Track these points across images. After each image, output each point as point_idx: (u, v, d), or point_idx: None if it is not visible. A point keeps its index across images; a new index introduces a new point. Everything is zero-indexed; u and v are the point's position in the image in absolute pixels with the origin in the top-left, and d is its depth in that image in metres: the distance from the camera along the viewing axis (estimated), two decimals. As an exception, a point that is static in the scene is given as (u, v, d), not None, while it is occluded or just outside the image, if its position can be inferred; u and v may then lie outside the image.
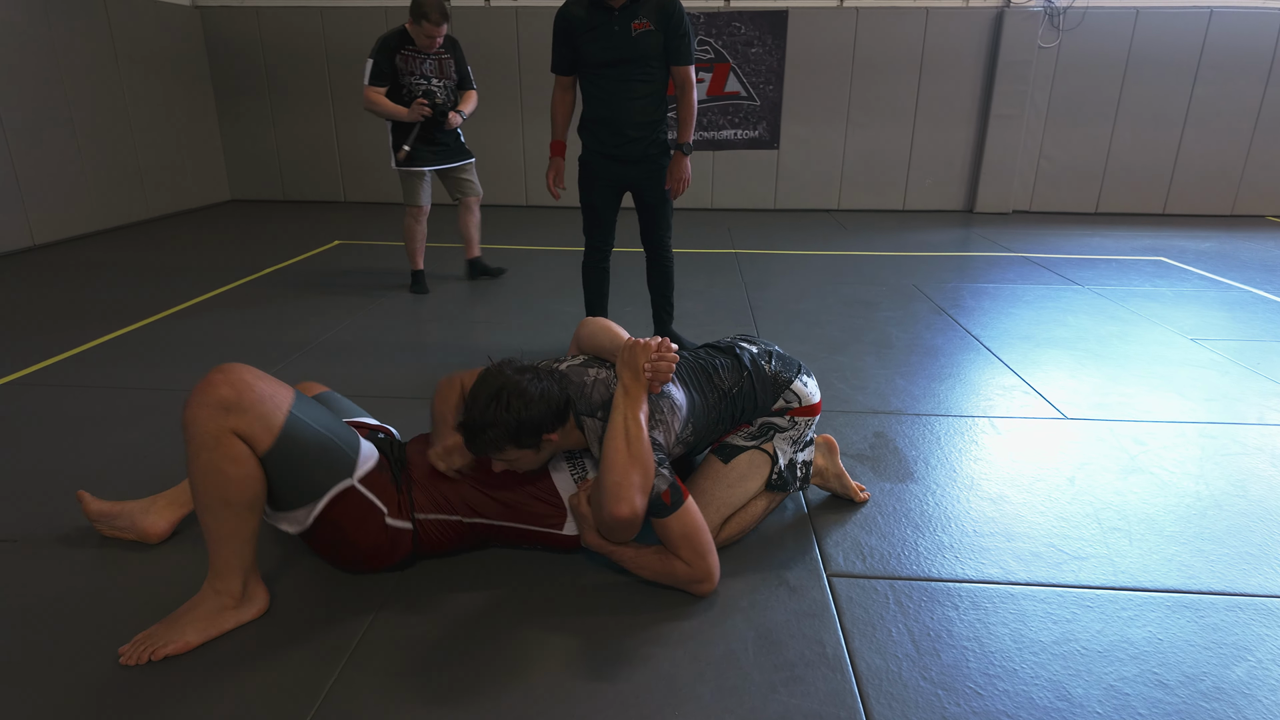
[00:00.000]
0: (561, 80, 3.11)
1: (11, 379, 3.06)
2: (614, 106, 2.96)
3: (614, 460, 1.58)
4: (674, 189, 3.10)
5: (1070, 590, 1.79)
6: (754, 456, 1.97)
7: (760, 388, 1.96)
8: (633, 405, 1.66)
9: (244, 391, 1.48)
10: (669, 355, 1.71)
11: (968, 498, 2.21)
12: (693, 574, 1.69)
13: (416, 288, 4.47)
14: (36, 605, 1.71)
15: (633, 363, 1.70)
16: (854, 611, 1.71)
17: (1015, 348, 3.51)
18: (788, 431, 2.00)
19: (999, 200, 7.30)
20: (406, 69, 4.00)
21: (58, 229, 5.76)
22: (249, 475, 1.49)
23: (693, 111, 3.02)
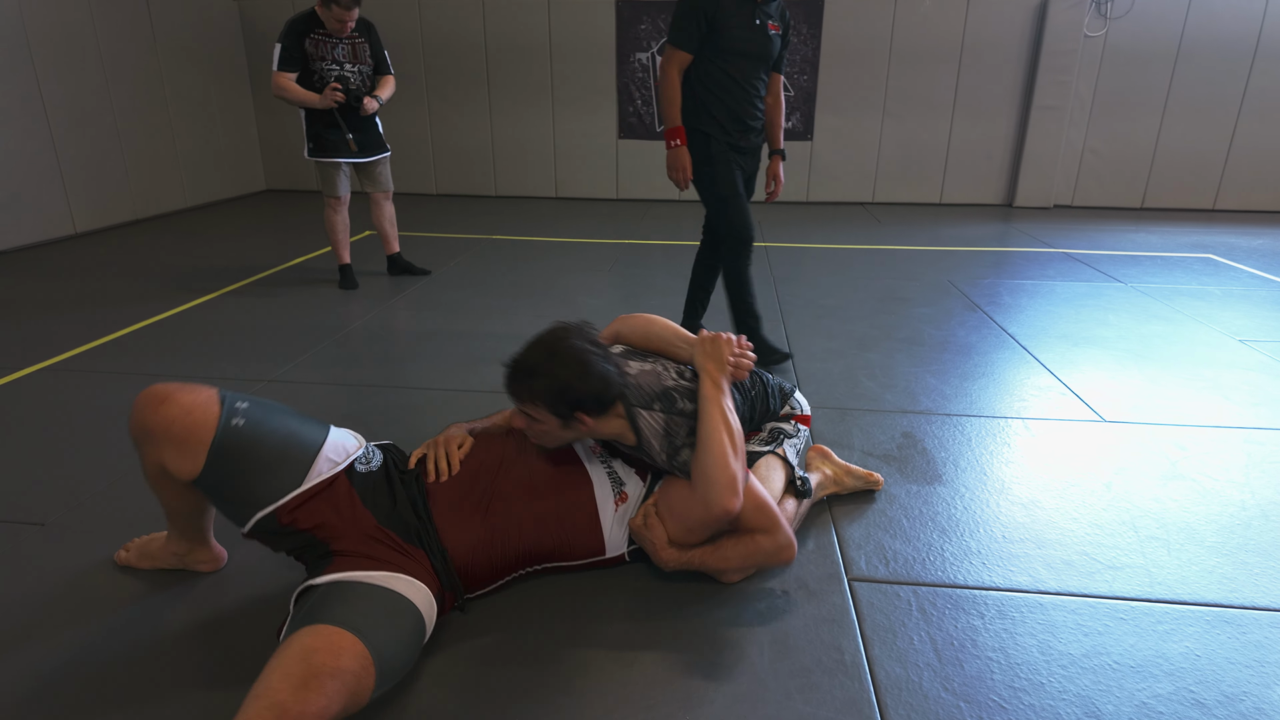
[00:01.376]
0: (682, 58, 2.87)
1: (45, 365, 3.13)
2: (745, 99, 2.95)
3: (721, 454, 1.55)
4: (775, 192, 3.23)
5: (1103, 601, 1.72)
6: (769, 460, 1.95)
7: (771, 393, 2.02)
8: (722, 397, 1.63)
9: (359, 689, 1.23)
10: (750, 354, 1.72)
11: (998, 502, 2.14)
12: (775, 541, 1.64)
13: (345, 283, 4.33)
14: (59, 587, 1.74)
15: (718, 355, 1.68)
16: (875, 618, 1.67)
17: (1053, 347, 3.41)
18: (794, 438, 2.01)
19: (1040, 194, 7.11)
20: (317, 54, 3.85)
21: (99, 217, 5.90)
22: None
23: (784, 116, 3.18)
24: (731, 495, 1.54)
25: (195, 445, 1.41)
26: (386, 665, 1.27)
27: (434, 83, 7.36)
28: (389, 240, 4.56)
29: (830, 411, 2.72)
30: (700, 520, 1.60)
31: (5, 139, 5.10)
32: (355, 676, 1.20)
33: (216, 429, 1.43)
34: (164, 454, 1.43)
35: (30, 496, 2.13)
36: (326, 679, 1.16)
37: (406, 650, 1.36)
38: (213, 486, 1.47)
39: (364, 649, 1.23)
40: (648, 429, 1.64)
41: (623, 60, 7.09)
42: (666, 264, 4.94)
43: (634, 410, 1.65)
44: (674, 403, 1.68)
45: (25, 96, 5.22)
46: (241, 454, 1.44)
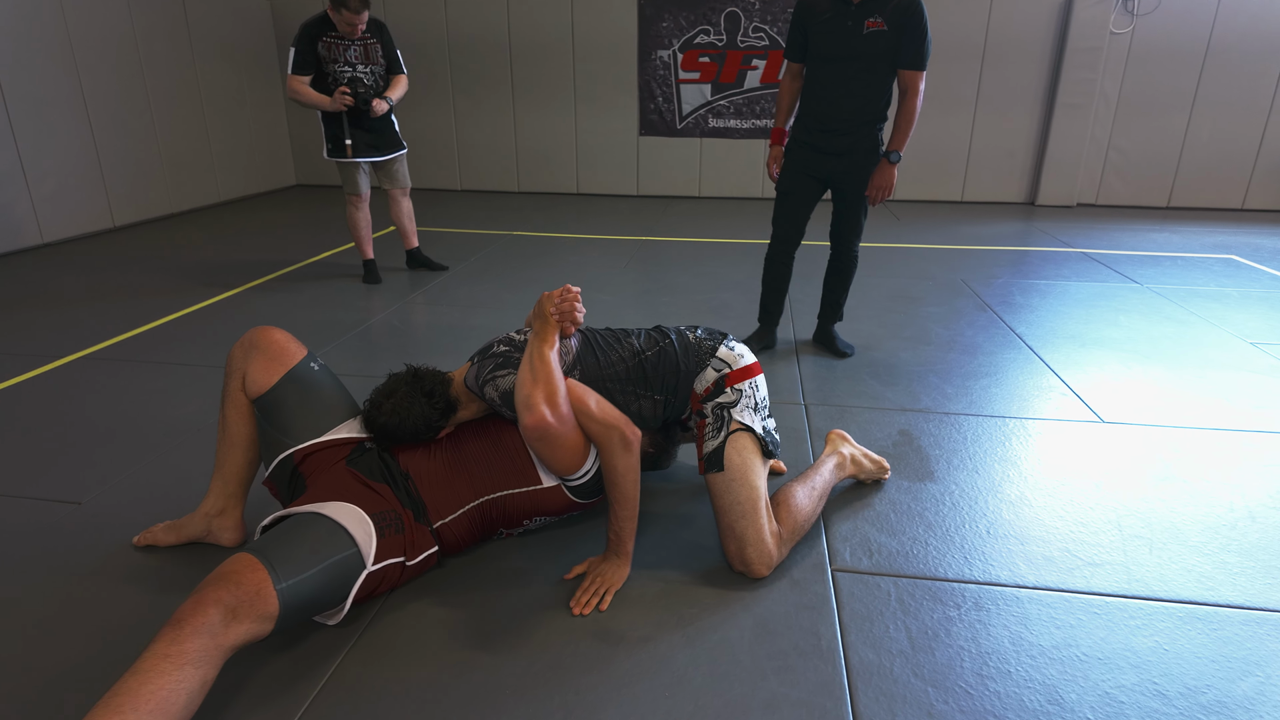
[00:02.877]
0: (791, 67, 3.10)
1: (84, 354, 3.30)
2: (826, 100, 2.96)
3: (521, 381, 1.73)
4: (873, 196, 3.02)
5: (1078, 596, 1.78)
6: (734, 442, 1.84)
7: (681, 352, 1.94)
8: (539, 340, 1.80)
9: (243, 600, 1.37)
10: (570, 294, 1.86)
11: (986, 499, 2.20)
12: (609, 438, 1.77)
13: (368, 278, 4.46)
14: (93, 563, 1.87)
15: (540, 310, 1.87)
16: (854, 606, 1.74)
17: (1060, 347, 3.43)
18: (739, 402, 1.89)
19: (1063, 193, 7.05)
20: (330, 56, 3.93)
21: (136, 211, 6.12)
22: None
23: (912, 120, 2.92)
24: (524, 411, 1.68)
25: (278, 366, 1.84)
26: (291, 591, 1.45)
27: (459, 80, 7.49)
28: (407, 235, 4.68)
29: (830, 409, 2.79)
30: (529, 443, 1.73)
31: (49, 136, 5.31)
32: (249, 593, 1.39)
33: (298, 362, 1.88)
34: (255, 365, 1.83)
35: (67, 477, 2.28)
36: (222, 590, 1.37)
37: (322, 576, 1.53)
38: (270, 406, 1.82)
39: (263, 572, 1.44)
40: (467, 379, 1.88)
41: (644, 58, 7.16)
42: (683, 261, 5.01)
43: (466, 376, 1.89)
44: (487, 350, 1.90)
45: (68, 95, 5.44)
46: (303, 389, 1.86)
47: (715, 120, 7.28)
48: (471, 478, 1.83)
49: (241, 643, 1.36)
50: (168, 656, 1.25)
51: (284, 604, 1.43)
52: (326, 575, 1.54)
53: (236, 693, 1.48)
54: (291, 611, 1.45)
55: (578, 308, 1.86)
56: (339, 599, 1.58)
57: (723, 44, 7.04)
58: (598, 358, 1.93)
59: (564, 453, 1.74)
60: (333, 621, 1.63)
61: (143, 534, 1.94)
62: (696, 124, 7.31)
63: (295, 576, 1.47)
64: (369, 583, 1.64)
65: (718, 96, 7.20)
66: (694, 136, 7.36)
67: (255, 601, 1.39)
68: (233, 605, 1.35)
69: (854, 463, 2.22)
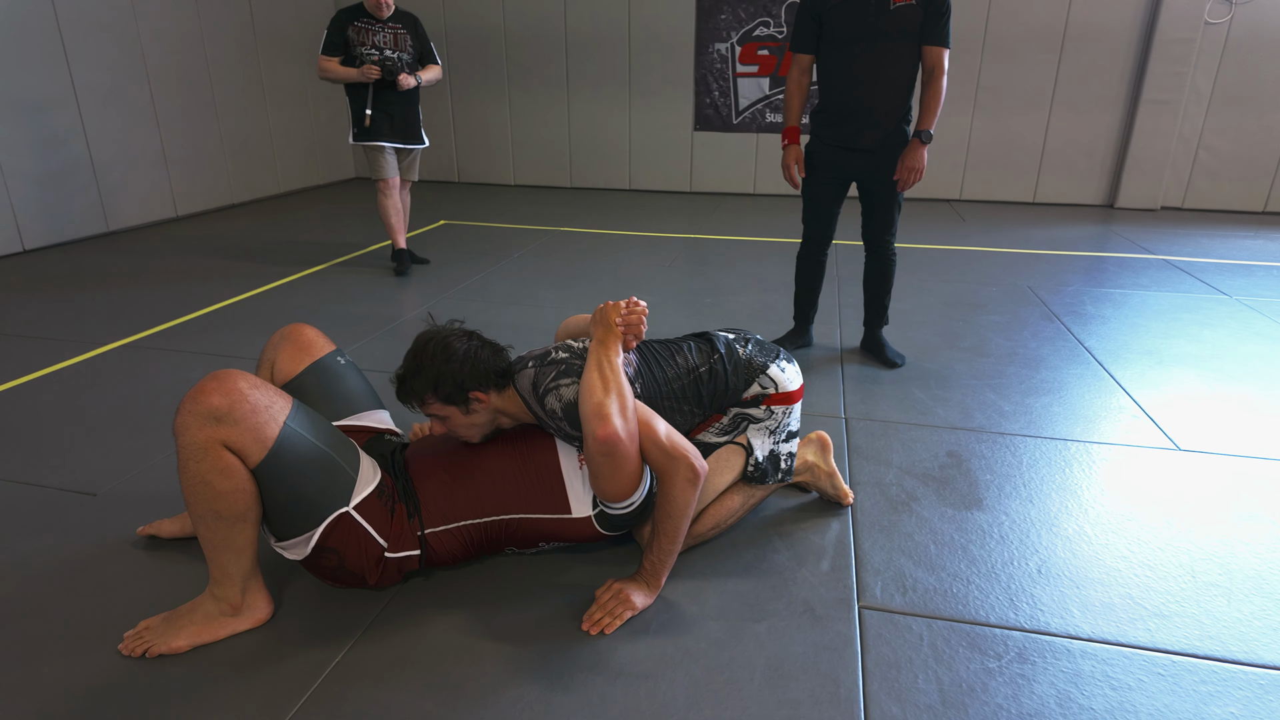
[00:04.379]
0: (800, 60, 2.92)
1: (127, 341, 3.34)
2: (857, 89, 2.78)
3: (589, 388, 1.58)
4: (903, 179, 2.81)
5: (1140, 652, 1.57)
6: (726, 452, 1.91)
7: (731, 370, 1.88)
8: (604, 350, 1.67)
9: (236, 401, 1.43)
10: (638, 308, 1.74)
11: (1039, 533, 1.99)
12: (679, 476, 1.62)
13: (400, 268, 4.45)
14: (105, 554, 1.84)
15: (604, 319, 1.73)
16: (880, 650, 1.58)
17: (1134, 364, 3.15)
18: (764, 422, 1.91)
19: (1146, 195, 6.60)
20: (359, 40, 4.06)
21: (198, 201, 6.27)
22: (238, 488, 1.45)
23: (940, 98, 2.73)
24: (596, 420, 1.53)
25: (305, 356, 1.87)
26: (289, 438, 1.50)
27: (515, 75, 7.46)
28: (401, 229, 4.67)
29: (871, 424, 2.60)
30: (592, 459, 1.58)
31: (117, 127, 5.48)
32: (260, 402, 1.47)
33: (325, 355, 1.90)
34: (283, 354, 1.86)
35: (86, 467, 2.28)
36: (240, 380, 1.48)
37: (316, 460, 1.55)
38: (293, 393, 1.78)
39: (287, 401, 1.54)
40: (522, 386, 1.72)
41: (701, 51, 6.99)
42: (730, 259, 4.85)
43: (515, 377, 1.74)
44: (546, 356, 1.75)
45: (136, 88, 5.60)
46: (327, 379, 1.87)
47: (773, 115, 7.06)
48: (480, 494, 1.72)
49: (226, 453, 1.42)
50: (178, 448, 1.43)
51: (278, 443, 1.46)
52: (318, 466, 1.54)
53: (211, 713, 1.41)
54: (275, 461, 1.46)
55: (643, 322, 1.75)
56: (310, 518, 1.54)
57: (782, 36, 6.81)
58: (654, 374, 1.82)
59: (623, 475, 1.59)
60: (293, 555, 1.59)
61: (148, 525, 1.91)
62: (753, 119, 7.11)
63: (301, 431, 1.52)
64: (342, 537, 1.57)
65: (776, 91, 6.98)
66: (750, 132, 7.16)
67: (259, 412, 1.45)
68: (238, 400, 1.42)
69: (809, 471, 2.08)
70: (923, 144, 2.77)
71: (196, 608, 1.56)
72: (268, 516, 1.54)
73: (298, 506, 1.53)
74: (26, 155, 4.90)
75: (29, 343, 3.31)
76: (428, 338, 1.69)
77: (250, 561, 1.57)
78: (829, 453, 2.11)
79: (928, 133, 2.76)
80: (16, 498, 2.11)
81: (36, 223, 5.00)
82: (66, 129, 5.14)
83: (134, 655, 1.52)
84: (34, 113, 4.92)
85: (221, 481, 1.43)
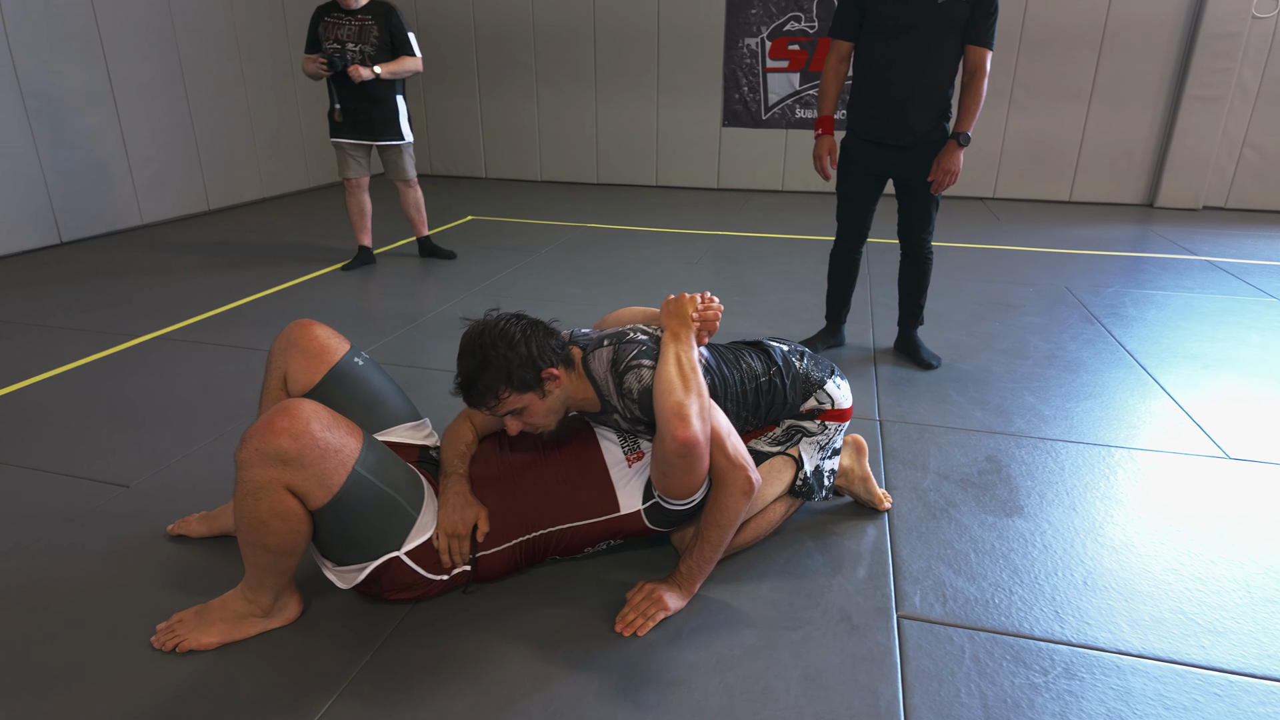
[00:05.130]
0: (839, 47, 2.82)
1: (158, 335, 3.37)
2: (897, 83, 2.70)
3: (667, 384, 1.52)
4: (938, 182, 2.75)
5: (1194, 670, 1.50)
6: (778, 462, 1.87)
7: (790, 384, 1.85)
8: (680, 344, 1.60)
9: (307, 446, 1.37)
10: (715, 305, 1.70)
11: (1084, 543, 1.92)
12: (734, 486, 1.58)
13: (351, 264, 4.46)
14: (137, 547, 1.85)
15: (680, 311, 1.66)
16: (921, 662, 1.53)
17: (1178, 368, 3.05)
18: (816, 436, 1.90)
19: (1187, 194, 6.42)
20: (326, 34, 4.05)
21: (230, 195, 6.33)
22: (293, 530, 1.42)
23: (980, 100, 2.68)
24: (678, 421, 1.46)
25: (321, 363, 1.73)
26: (357, 484, 1.45)
27: (543, 70, 7.44)
28: (415, 225, 4.71)
29: (908, 427, 2.54)
30: (666, 459, 1.51)
31: (151, 122, 5.54)
32: (331, 444, 1.41)
33: (342, 358, 1.76)
34: (295, 364, 1.73)
35: (120, 459, 2.29)
36: (313, 421, 1.41)
37: (381, 504, 1.51)
38: None
39: (358, 440, 1.48)
40: (597, 364, 1.65)
41: (731, 46, 6.92)
42: (760, 257, 4.79)
43: (586, 356, 1.68)
44: (624, 335, 1.68)
45: (170, 82, 5.66)
46: (351, 386, 1.75)
47: (803, 111, 6.97)
48: (529, 509, 1.67)
49: (287, 496, 1.37)
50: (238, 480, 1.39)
51: (343, 489, 1.40)
52: (380, 511, 1.50)
53: (240, 712, 1.40)
54: (338, 507, 1.41)
55: (719, 318, 1.71)
56: (362, 554, 1.50)
57: (814, 31, 6.72)
58: (723, 373, 1.79)
59: (694, 476, 1.53)
60: (343, 584, 1.55)
61: (176, 523, 1.90)
62: (782, 114, 7.03)
63: (369, 475, 1.46)
64: (390, 575, 1.55)
65: (806, 86, 6.89)
66: (779, 128, 7.08)
67: (328, 457, 1.38)
68: (309, 444, 1.36)
69: (844, 476, 2.05)
70: (960, 146, 2.71)
71: (228, 605, 1.55)
72: (317, 540, 1.51)
73: (351, 545, 1.50)
74: (65, 150, 4.97)
75: (64, 334, 3.35)
76: (479, 331, 1.58)
77: (289, 578, 1.55)
78: (864, 456, 2.06)
79: (965, 135, 2.70)
80: (52, 489, 2.13)
81: (74, 216, 5.07)
82: (103, 124, 5.21)
83: (164, 649, 1.52)
84: (73, 108, 4.99)
85: (278, 523, 1.40)
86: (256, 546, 1.44)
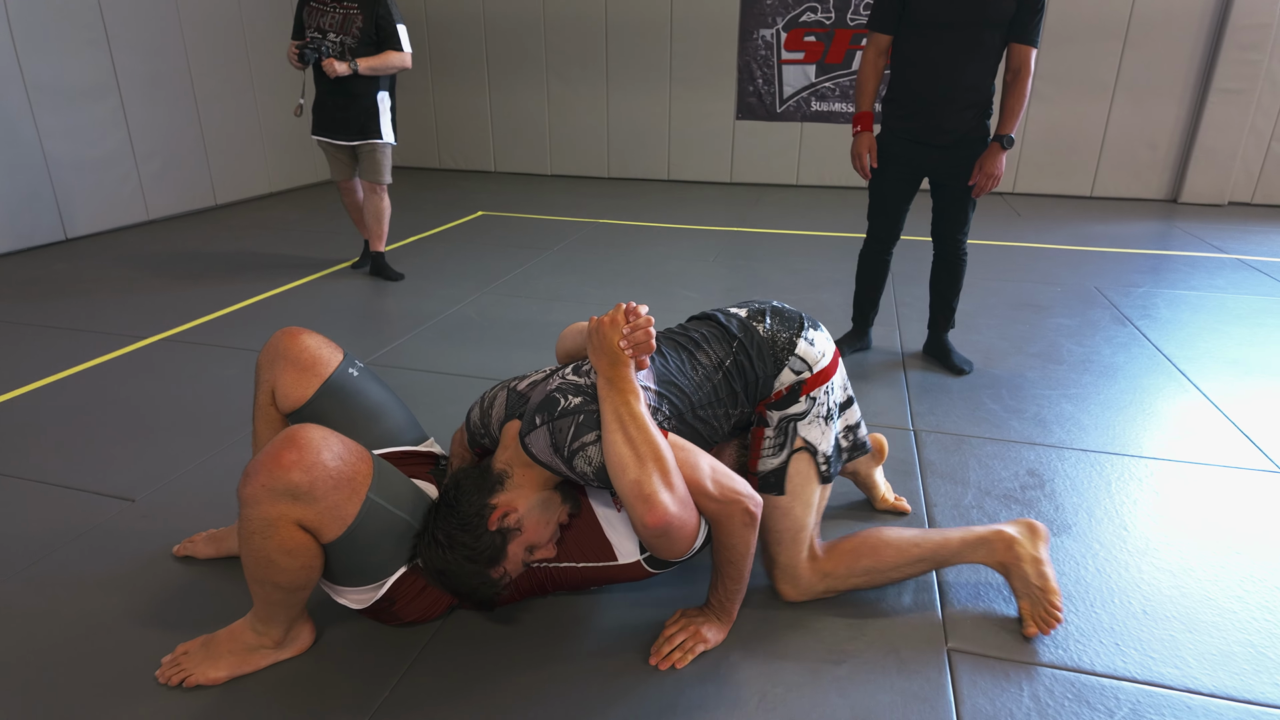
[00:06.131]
0: (878, 40, 2.70)
1: (164, 336, 3.28)
2: (938, 79, 2.59)
3: (622, 465, 1.29)
4: (980, 185, 2.66)
5: (1272, 712, 1.40)
6: (794, 468, 1.61)
7: (756, 356, 1.60)
8: (619, 394, 1.34)
9: (319, 478, 1.26)
10: (641, 320, 1.39)
11: (1139, 565, 1.82)
12: (736, 520, 1.41)
13: (361, 260, 4.31)
14: (142, 564, 1.76)
15: (606, 347, 1.38)
16: (976, 701, 1.43)
17: (1220, 374, 2.94)
18: (809, 413, 1.61)
19: (1213, 189, 6.28)
20: (309, 22, 3.81)
21: (237, 190, 6.24)
22: (304, 566, 1.32)
23: (1024, 101, 2.58)
24: (642, 506, 1.26)
25: (313, 376, 1.61)
26: (371, 512, 1.35)
27: (553, 63, 7.31)
28: (373, 237, 4.16)
29: (944, 438, 2.44)
30: (645, 538, 1.34)
31: (157, 115, 5.44)
32: (344, 475, 1.31)
33: (335, 369, 1.64)
34: (283, 377, 1.61)
35: (125, 471, 2.20)
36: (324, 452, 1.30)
37: (394, 529, 1.41)
38: (306, 420, 1.57)
39: (369, 466, 1.37)
40: (538, 450, 1.41)
41: (745, 37, 6.79)
42: (776, 254, 4.68)
43: (523, 439, 1.43)
44: (554, 406, 1.41)
45: (176, 76, 5.56)
46: (346, 401, 1.63)
47: (819, 104, 6.84)
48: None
49: (297, 532, 1.27)
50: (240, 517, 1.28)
51: (357, 520, 1.31)
52: (394, 536, 1.40)
53: (254, 749, 1.31)
54: (351, 537, 1.32)
55: (651, 334, 1.39)
56: (380, 572, 1.41)
57: (831, 22, 6.58)
58: (680, 385, 1.52)
59: (682, 542, 1.34)
60: (355, 605, 1.46)
61: (182, 544, 1.82)
62: (798, 107, 6.89)
63: (383, 501, 1.37)
64: (403, 588, 1.45)
65: (823, 78, 6.76)
66: (794, 121, 6.95)
67: (340, 488, 1.29)
68: (320, 476, 1.26)
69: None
70: (1003, 149, 2.60)
71: (236, 636, 1.45)
72: (327, 569, 1.40)
73: (363, 570, 1.40)
74: (70, 143, 4.88)
75: (67, 335, 3.27)
76: (429, 567, 1.41)
77: (301, 609, 1.46)
78: (880, 459, 2.06)
79: (1009, 137, 2.60)
80: (55, 502, 2.04)
81: (79, 211, 4.99)
82: (108, 117, 5.11)
83: (170, 684, 1.43)
84: (77, 100, 4.89)
85: (288, 560, 1.30)
86: (266, 584, 1.34)
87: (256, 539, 1.27)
